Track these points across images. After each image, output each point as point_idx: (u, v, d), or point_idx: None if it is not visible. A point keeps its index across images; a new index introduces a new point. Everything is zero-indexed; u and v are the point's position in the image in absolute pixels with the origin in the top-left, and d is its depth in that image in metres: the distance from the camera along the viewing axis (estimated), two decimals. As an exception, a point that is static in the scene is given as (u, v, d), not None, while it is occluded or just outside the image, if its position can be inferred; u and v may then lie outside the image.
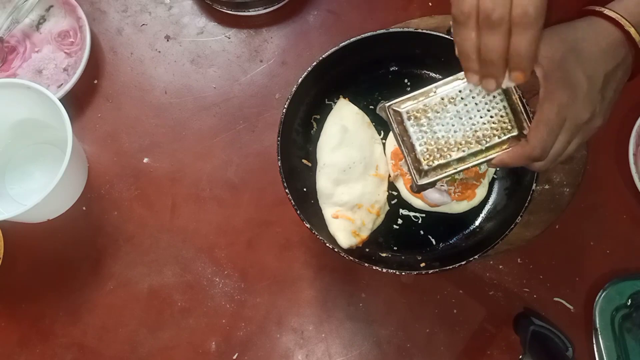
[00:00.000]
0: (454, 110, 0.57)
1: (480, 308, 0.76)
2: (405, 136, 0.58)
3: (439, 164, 0.58)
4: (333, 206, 0.72)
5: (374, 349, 0.75)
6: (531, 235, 0.75)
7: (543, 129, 0.52)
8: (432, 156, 0.58)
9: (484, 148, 0.57)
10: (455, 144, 0.57)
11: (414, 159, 0.59)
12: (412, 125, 0.58)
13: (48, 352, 0.75)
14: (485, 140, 0.57)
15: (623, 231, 0.77)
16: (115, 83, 0.85)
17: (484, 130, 0.57)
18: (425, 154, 0.58)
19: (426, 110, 0.58)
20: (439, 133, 0.58)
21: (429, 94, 0.58)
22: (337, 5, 0.87)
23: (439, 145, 0.58)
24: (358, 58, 0.74)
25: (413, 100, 0.58)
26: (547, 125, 0.52)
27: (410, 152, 0.59)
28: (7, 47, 0.85)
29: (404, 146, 0.59)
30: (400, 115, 0.58)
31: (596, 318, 0.72)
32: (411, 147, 0.58)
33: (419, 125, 0.58)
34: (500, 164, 0.57)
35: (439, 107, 0.57)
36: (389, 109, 0.59)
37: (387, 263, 0.71)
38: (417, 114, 0.58)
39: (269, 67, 0.85)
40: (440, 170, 0.58)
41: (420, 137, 0.58)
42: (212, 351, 0.75)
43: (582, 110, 0.53)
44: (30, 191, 0.81)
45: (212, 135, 0.83)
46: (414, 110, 0.58)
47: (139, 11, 0.88)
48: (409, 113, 0.58)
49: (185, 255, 0.78)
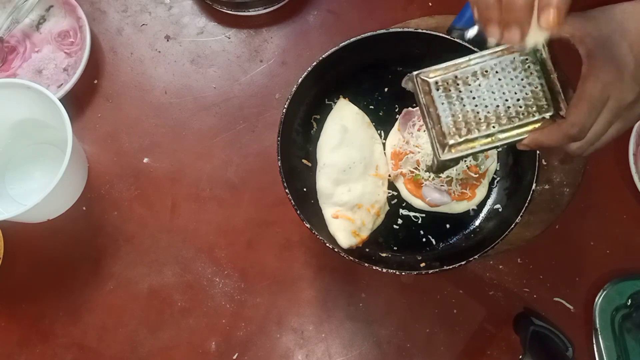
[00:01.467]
0: (487, 84, 0.53)
1: (480, 308, 0.76)
2: (432, 107, 0.54)
3: (466, 139, 0.54)
4: (333, 206, 0.72)
5: (374, 349, 0.75)
6: (531, 235, 0.75)
7: (584, 105, 0.49)
8: (459, 130, 0.54)
9: (515, 125, 0.53)
10: (485, 119, 0.53)
11: (439, 132, 0.54)
12: (439, 96, 0.54)
13: (48, 352, 0.75)
14: (518, 117, 0.53)
15: (623, 231, 0.77)
16: (115, 83, 0.85)
17: (517, 107, 0.53)
18: (452, 128, 0.54)
19: (457, 81, 0.54)
20: (468, 106, 0.53)
21: (461, 65, 0.54)
22: (337, 5, 0.87)
23: (467, 119, 0.53)
24: (358, 58, 0.74)
25: (444, 71, 0.54)
26: (589, 102, 0.49)
27: (435, 124, 0.54)
28: (7, 47, 0.85)
29: (429, 118, 0.54)
30: (428, 85, 0.54)
31: (596, 318, 0.72)
32: (437, 119, 0.54)
33: (447, 96, 0.54)
34: (534, 144, 0.53)
35: (471, 80, 0.54)
36: (416, 78, 0.55)
37: (387, 263, 0.71)
38: (447, 85, 0.54)
39: (269, 67, 0.85)
40: (465, 146, 0.54)
41: (447, 109, 0.54)
42: (212, 351, 0.75)
43: (628, 91, 0.50)
44: (30, 191, 0.81)
45: (212, 135, 0.83)
46: (444, 81, 0.54)
47: (139, 11, 0.88)
48: (437, 83, 0.54)
49: (185, 255, 0.78)
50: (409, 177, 0.73)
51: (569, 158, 0.58)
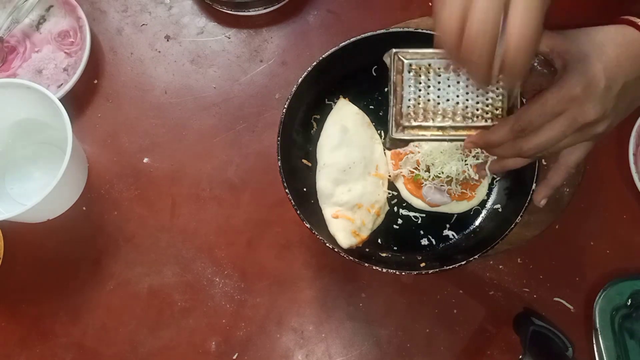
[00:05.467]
0: (454, 80, 0.56)
1: (480, 308, 0.76)
2: (399, 87, 0.57)
3: (419, 125, 0.57)
4: (333, 206, 0.72)
5: (374, 349, 0.75)
6: (531, 235, 0.75)
7: (536, 106, 0.51)
8: (416, 115, 0.57)
9: (467, 125, 0.56)
10: (442, 111, 0.56)
11: (398, 111, 0.57)
12: (409, 79, 0.57)
13: (48, 352, 0.75)
14: (472, 119, 0.56)
15: (623, 231, 0.77)
16: (115, 83, 0.85)
17: (474, 109, 0.56)
18: (410, 111, 0.57)
19: (429, 69, 0.57)
20: (431, 95, 0.57)
21: (438, 54, 0.56)
22: (337, 5, 0.87)
23: (426, 107, 0.57)
24: (358, 58, 0.74)
25: (421, 56, 0.57)
26: (542, 105, 0.50)
27: (397, 103, 0.57)
28: (7, 47, 0.85)
29: (393, 95, 0.57)
30: (402, 65, 0.57)
31: (596, 318, 0.72)
32: (400, 99, 0.57)
33: (416, 80, 0.57)
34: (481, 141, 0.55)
35: (442, 71, 0.56)
36: (394, 55, 0.57)
37: (387, 263, 0.71)
38: (419, 70, 0.57)
39: (269, 67, 0.85)
40: (417, 131, 0.58)
41: (412, 93, 0.57)
42: (212, 351, 0.75)
43: (591, 109, 0.51)
44: (30, 191, 0.81)
45: (212, 135, 0.83)
46: (417, 65, 0.57)
47: (139, 11, 0.88)
48: (411, 65, 0.57)
49: (185, 255, 0.78)
50: (409, 177, 0.73)
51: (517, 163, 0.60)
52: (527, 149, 0.53)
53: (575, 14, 0.82)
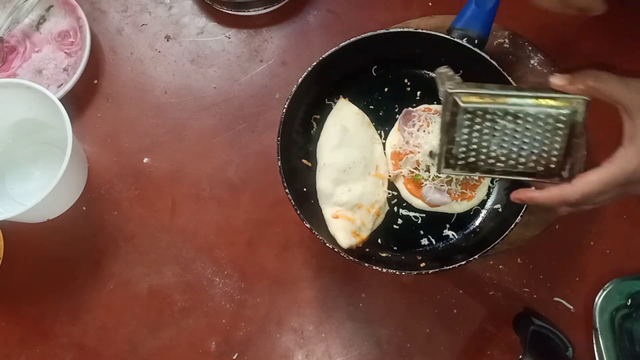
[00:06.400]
0: (512, 128, 0.54)
1: (480, 308, 0.76)
2: (452, 128, 0.55)
3: (468, 164, 0.56)
4: (333, 206, 0.72)
5: (374, 349, 0.75)
6: (531, 235, 0.75)
7: (600, 185, 0.51)
8: (467, 156, 0.56)
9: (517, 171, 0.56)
10: (494, 156, 0.56)
11: (448, 150, 0.56)
12: (463, 123, 0.55)
13: (48, 352, 0.75)
14: (524, 165, 0.55)
15: (623, 231, 0.77)
16: (115, 83, 0.85)
17: (528, 157, 0.55)
18: (461, 152, 0.56)
19: (486, 115, 0.55)
20: (484, 141, 0.55)
21: (498, 99, 0.54)
22: (337, 5, 0.87)
23: (479, 150, 0.56)
24: (358, 58, 0.74)
25: (479, 98, 0.54)
26: (606, 184, 0.51)
27: (448, 142, 0.56)
28: (7, 47, 0.85)
29: (445, 134, 0.56)
30: (458, 109, 0.55)
31: (596, 318, 0.72)
32: (451, 140, 0.56)
33: (470, 125, 0.55)
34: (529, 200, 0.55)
35: (499, 118, 0.54)
36: (450, 96, 0.55)
37: (387, 263, 0.71)
38: (475, 115, 0.55)
39: (269, 67, 0.85)
40: (465, 169, 0.57)
41: (465, 136, 0.55)
42: (212, 351, 0.75)
43: None
44: (30, 191, 0.81)
45: (212, 135, 0.83)
46: (475, 110, 0.55)
47: (139, 11, 0.88)
48: (468, 109, 0.54)
49: (185, 255, 0.78)
50: (409, 177, 0.73)
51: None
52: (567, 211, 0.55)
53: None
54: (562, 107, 0.53)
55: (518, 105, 0.54)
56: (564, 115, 0.53)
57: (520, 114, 0.54)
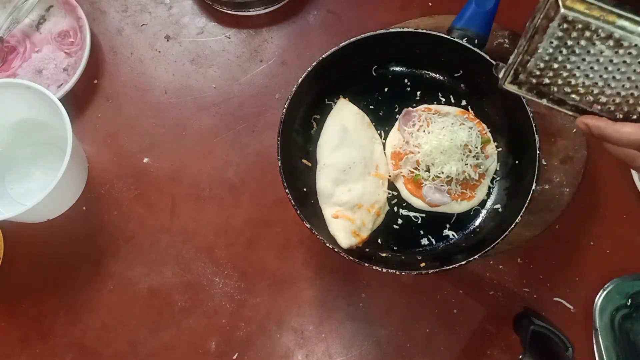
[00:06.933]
0: (609, 55, 0.45)
1: (480, 308, 0.76)
2: (539, 35, 0.45)
3: (539, 85, 0.47)
4: (333, 206, 0.72)
5: (374, 349, 0.75)
6: (531, 235, 0.75)
7: None
8: (542, 76, 0.47)
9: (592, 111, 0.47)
10: (572, 85, 0.46)
11: (522, 62, 0.47)
12: (554, 34, 0.45)
13: (48, 352, 0.75)
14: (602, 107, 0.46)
15: (623, 231, 0.77)
16: (115, 83, 0.85)
17: (612, 98, 0.46)
18: (538, 68, 0.46)
19: (585, 30, 0.44)
20: (569, 63, 0.45)
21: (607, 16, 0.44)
22: (337, 5, 0.87)
23: (559, 74, 0.46)
24: (358, 58, 0.74)
25: (586, 8, 0.44)
26: None
27: (526, 53, 0.46)
28: (7, 47, 0.85)
29: (527, 42, 0.45)
30: (556, 13, 0.44)
31: (596, 318, 0.72)
32: (532, 51, 0.46)
33: (561, 39, 0.45)
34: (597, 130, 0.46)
35: (599, 40, 0.45)
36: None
37: (387, 263, 0.71)
38: (572, 27, 0.44)
39: (269, 67, 0.85)
40: (533, 92, 0.48)
41: (549, 51, 0.45)
42: (212, 351, 0.75)
43: None
44: (30, 191, 0.81)
45: (212, 135, 0.83)
46: (574, 21, 0.44)
47: (139, 11, 0.88)
48: (566, 18, 0.44)
49: (185, 255, 0.78)
50: (409, 177, 0.73)
51: None
52: None
53: None
54: None
55: (628, 30, 0.44)
56: None
57: (625, 41, 0.44)
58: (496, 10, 0.71)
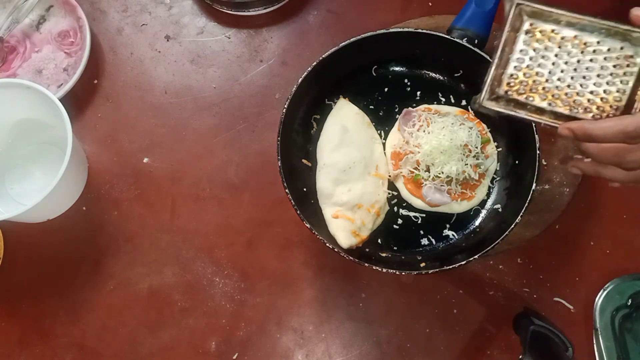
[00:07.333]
0: (576, 58, 0.48)
1: (480, 308, 0.76)
2: (509, 47, 0.49)
3: (516, 100, 0.49)
4: (333, 206, 0.72)
5: (374, 349, 0.75)
6: (531, 235, 0.75)
7: None
8: (517, 87, 0.49)
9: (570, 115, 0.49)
10: (548, 91, 0.49)
11: (497, 77, 0.49)
12: (524, 41, 0.49)
13: (48, 352, 0.75)
14: (579, 108, 0.48)
15: (623, 231, 0.77)
16: (115, 83, 0.85)
17: (586, 99, 0.48)
18: (513, 80, 0.49)
19: (550, 35, 0.48)
20: (542, 68, 0.49)
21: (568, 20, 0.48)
22: (337, 5, 0.87)
23: (532, 80, 0.49)
24: (358, 58, 0.74)
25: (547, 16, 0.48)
26: None
27: (499, 66, 0.49)
28: (7, 47, 0.85)
29: (499, 56, 0.49)
30: (521, 23, 0.48)
31: (596, 318, 0.72)
32: (505, 63, 0.49)
33: (529, 46, 0.49)
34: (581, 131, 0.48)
35: (563, 42, 0.48)
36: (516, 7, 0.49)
37: (387, 263, 0.71)
38: (539, 35, 0.48)
39: (269, 67, 0.85)
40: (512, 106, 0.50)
41: (521, 58, 0.49)
42: (212, 351, 0.75)
43: None
44: (30, 191, 0.81)
45: (212, 135, 0.83)
46: (539, 29, 0.48)
47: (139, 11, 0.88)
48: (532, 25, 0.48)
49: (185, 255, 0.78)
50: (409, 177, 0.73)
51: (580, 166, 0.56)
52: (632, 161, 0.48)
53: None
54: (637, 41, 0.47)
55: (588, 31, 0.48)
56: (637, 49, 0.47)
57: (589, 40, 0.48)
58: (496, 10, 0.71)
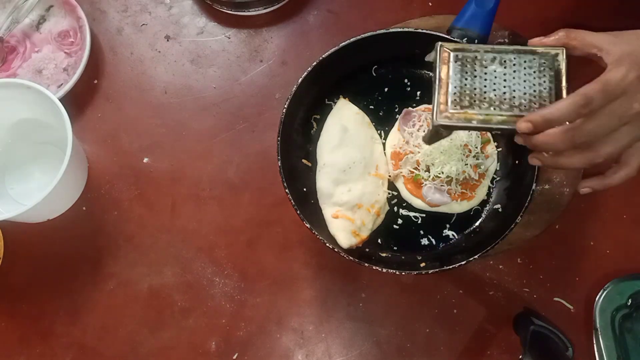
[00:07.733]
0: (502, 72, 0.57)
1: (480, 308, 0.76)
2: (445, 74, 0.57)
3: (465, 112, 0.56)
4: (333, 206, 0.72)
5: (374, 349, 0.75)
6: (531, 235, 0.75)
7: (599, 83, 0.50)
8: (462, 102, 0.56)
9: (514, 114, 0.56)
10: (488, 100, 0.56)
11: (443, 99, 0.57)
12: (455, 67, 0.57)
13: (48, 352, 0.75)
14: (519, 108, 0.56)
15: (623, 231, 0.77)
16: (115, 83, 0.85)
17: (521, 99, 0.56)
18: (456, 97, 0.56)
19: (475, 60, 0.57)
20: (477, 84, 0.57)
21: (485, 50, 0.57)
22: (337, 5, 0.87)
23: (472, 94, 0.56)
24: (358, 58, 0.74)
25: (467, 49, 0.57)
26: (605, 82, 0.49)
27: (442, 92, 0.57)
28: (7, 47, 0.85)
29: (438, 85, 0.57)
30: (449, 56, 0.57)
31: (596, 318, 0.72)
32: (445, 87, 0.57)
33: (462, 70, 0.57)
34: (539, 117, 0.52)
35: (488, 63, 0.57)
36: (440, 47, 0.58)
37: (387, 263, 0.71)
38: (465, 61, 0.57)
39: (269, 67, 0.85)
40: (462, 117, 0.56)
41: (458, 80, 0.57)
42: (212, 351, 0.75)
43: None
44: (30, 191, 0.81)
45: (212, 135, 0.83)
46: (464, 56, 0.57)
47: (139, 11, 0.88)
48: (457, 56, 0.57)
49: (185, 255, 0.78)
50: (409, 177, 0.73)
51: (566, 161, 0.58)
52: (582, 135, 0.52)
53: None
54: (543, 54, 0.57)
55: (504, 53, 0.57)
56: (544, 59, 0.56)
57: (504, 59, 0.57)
58: (496, 10, 0.71)
